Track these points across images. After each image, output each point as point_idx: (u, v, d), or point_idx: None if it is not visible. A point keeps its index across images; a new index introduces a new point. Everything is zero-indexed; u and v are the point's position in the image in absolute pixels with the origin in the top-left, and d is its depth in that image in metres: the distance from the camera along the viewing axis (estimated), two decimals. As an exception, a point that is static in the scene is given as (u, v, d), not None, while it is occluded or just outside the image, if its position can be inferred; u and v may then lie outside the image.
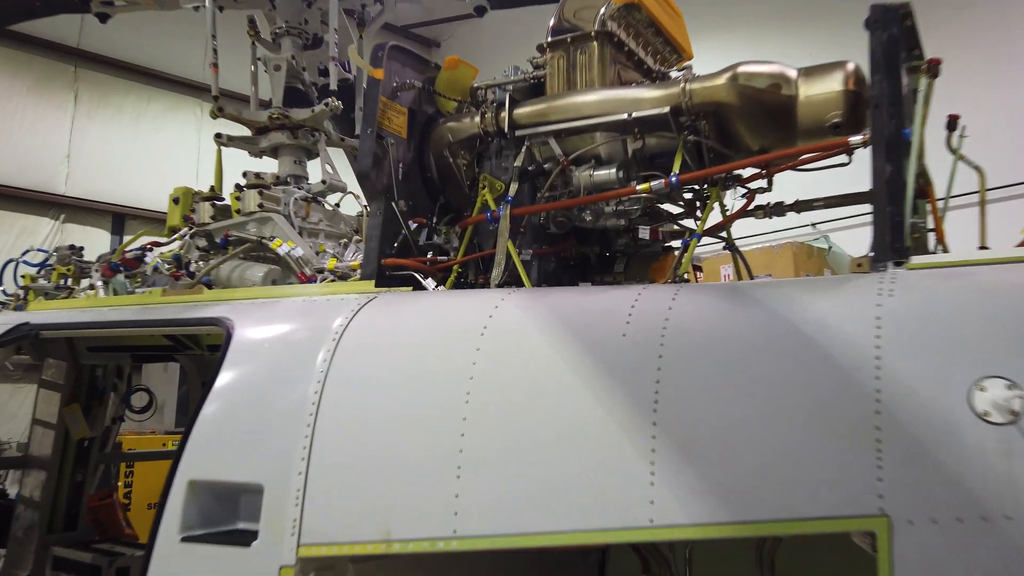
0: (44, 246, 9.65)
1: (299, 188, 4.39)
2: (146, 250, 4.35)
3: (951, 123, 3.04)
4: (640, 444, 2.27)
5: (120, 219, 14.09)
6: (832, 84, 2.95)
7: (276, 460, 2.69)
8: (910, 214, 2.56)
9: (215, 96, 4.43)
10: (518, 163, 3.31)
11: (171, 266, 4.08)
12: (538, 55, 3.48)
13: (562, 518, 2.26)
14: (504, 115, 3.36)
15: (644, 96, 3.14)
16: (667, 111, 3.04)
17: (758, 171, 3.23)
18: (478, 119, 3.47)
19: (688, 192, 3.39)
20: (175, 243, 4.50)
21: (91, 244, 6.02)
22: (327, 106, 4.29)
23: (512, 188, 3.28)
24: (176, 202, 4.58)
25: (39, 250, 5.23)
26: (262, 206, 4.03)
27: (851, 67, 2.97)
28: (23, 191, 12.62)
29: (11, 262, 4.90)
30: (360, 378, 2.80)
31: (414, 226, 3.57)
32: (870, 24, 2.59)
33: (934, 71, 2.74)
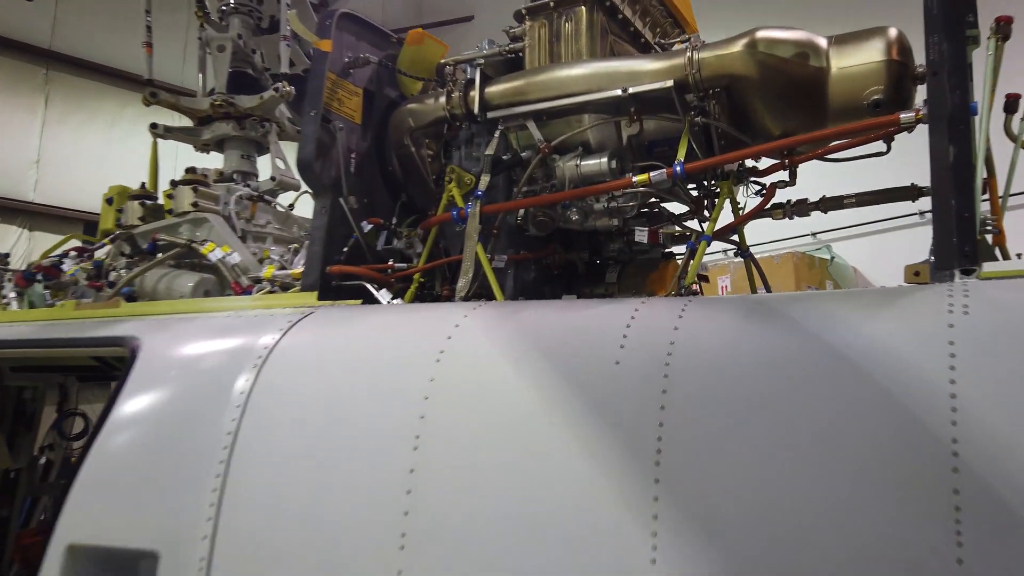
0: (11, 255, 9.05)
1: (246, 186, 3.82)
2: (65, 257, 3.77)
3: (1010, 104, 2.51)
4: (638, 509, 1.70)
5: (92, 228, 13.47)
6: (871, 53, 2.41)
7: (175, 520, 2.11)
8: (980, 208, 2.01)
9: (148, 80, 3.87)
10: (490, 151, 2.76)
11: (91, 275, 3.50)
12: (515, 24, 2.93)
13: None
14: (474, 94, 2.81)
15: (642, 68, 2.59)
16: (670, 86, 2.49)
17: (777, 162, 2.69)
18: (443, 100, 2.91)
19: (694, 187, 2.84)
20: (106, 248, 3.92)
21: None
22: (277, 92, 3.72)
23: (483, 181, 2.72)
24: (110, 202, 4.00)
25: (-41, 258, 4.64)
26: (196, 205, 3.46)
27: (893, 33, 2.44)
28: (-11, 198, 12.08)
29: None
30: (286, 417, 2.22)
31: (368, 227, 3.01)
32: None
33: (1005, 32, 2.20)
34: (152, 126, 3.98)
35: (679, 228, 3.00)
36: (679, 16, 3.16)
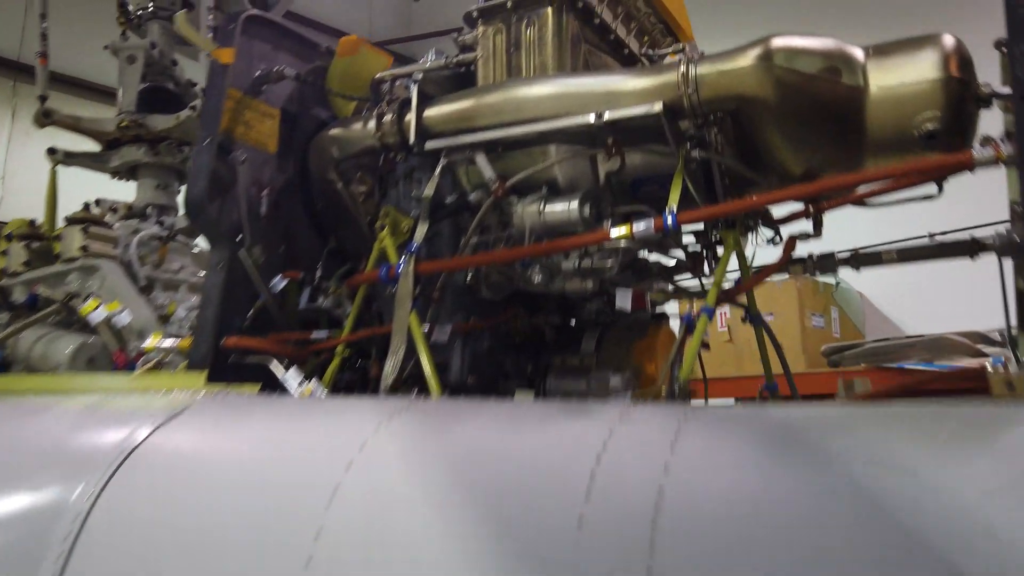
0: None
1: (159, 222, 3.21)
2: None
3: None
4: None
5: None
6: (922, 69, 1.81)
7: None
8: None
9: (41, 96, 3.26)
10: (429, 192, 2.15)
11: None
12: (466, 30, 2.33)
13: None
14: (410, 118, 2.21)
15: (622, 88, 1.99)
16: (659, 111, 1.89)
17: (798, 208, 2.09)
18: (373, 125, 2.31)
19: (692, 233, 2.24)
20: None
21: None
22: (195, 110, 3.12)
23: (418, 232, 2.11)
24: (9, 238, 3.39)
25: None
26: (86, 249, 2.84)
27: (949, 42, 1.84)
28: (-52, 216, 11.45)
29: None
30: (133, 555, 1.60)
31: (283, 283, 2.40)
32: None
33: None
34: (50, 151, 3.38)
35: (671, 286, 2.39)
36: (671, 21, 2.56)
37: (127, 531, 1.65)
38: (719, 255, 2.13)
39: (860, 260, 2.18)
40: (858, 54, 1.88)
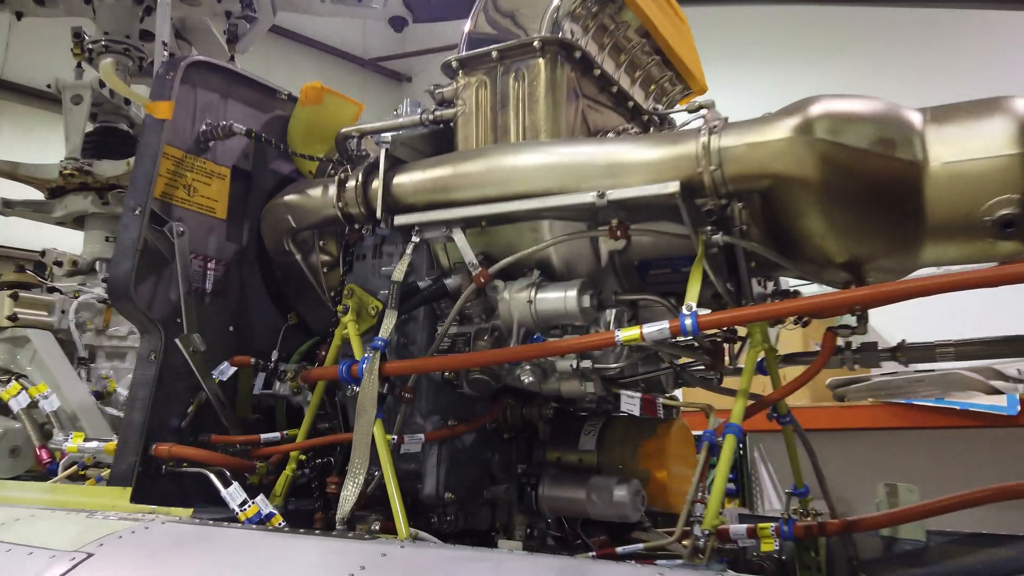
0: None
1: (105, 280, 2.85)
2: None
3: None
4: None
5: (41, 269, 12.49)
6: (993, 140, 1.49)
7: None
8: None
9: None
10: (398, 275, 1.80)
11: None
12: (445, 81, 1.99)
13: None
14: (376, 186, 1.87)
15: (631, 159, 1.65)
16: (674, 191, 1.56)
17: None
18: (333, 191, 1.96)
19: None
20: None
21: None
22: (146, 157, 2.77)
23: (385, 324, 1.77)
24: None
25: None
26: (15, 317, 2.49)
27: (1023, 107, 1.51)
28: (-73, 237, 11.08)
29: None
30: None
31: (230, 372, 2.05)
32: None
33: None
34: (-11, 200, 3.02)
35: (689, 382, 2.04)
36: (681, 68, 2.23)
37: None
38: (745, 353, 1.79)
39: (910, 354, 1.85)
40: (915, 120, 1.55)
